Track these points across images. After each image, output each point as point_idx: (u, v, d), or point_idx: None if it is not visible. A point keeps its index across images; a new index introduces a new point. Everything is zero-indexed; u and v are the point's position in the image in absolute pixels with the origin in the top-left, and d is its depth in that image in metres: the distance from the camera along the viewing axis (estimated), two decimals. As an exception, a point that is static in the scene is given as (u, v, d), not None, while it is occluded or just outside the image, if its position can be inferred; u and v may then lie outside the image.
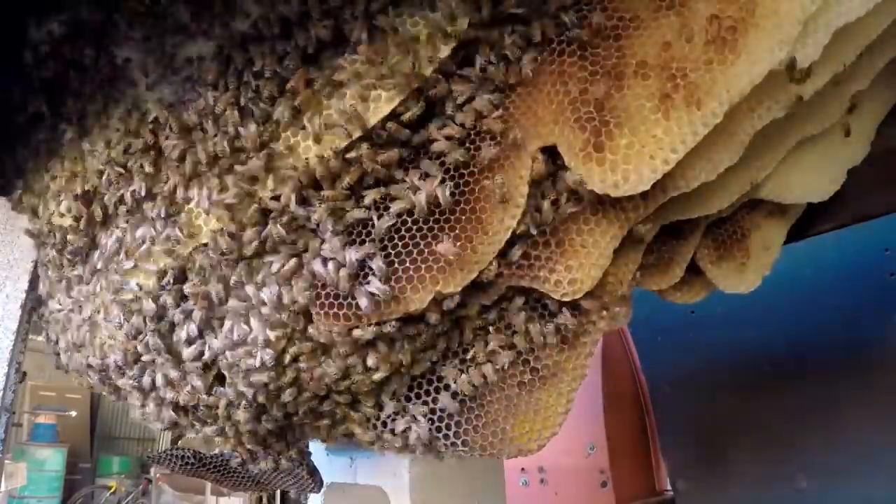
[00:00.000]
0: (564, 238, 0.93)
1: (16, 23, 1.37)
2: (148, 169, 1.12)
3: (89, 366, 1.25)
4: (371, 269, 0.92)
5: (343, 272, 0.92)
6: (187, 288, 1.07)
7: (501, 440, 0.99)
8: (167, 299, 1.09)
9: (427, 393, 1.03)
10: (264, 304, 0.99)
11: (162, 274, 1.10)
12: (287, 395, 1.02)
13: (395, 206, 0.93)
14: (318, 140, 0.97)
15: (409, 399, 1.04)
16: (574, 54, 0.93)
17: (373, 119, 0.94)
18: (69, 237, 1.24)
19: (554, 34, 0.94)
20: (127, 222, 1.16)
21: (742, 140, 0.92)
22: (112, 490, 8.68)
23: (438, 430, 1.02)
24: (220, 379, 1.08)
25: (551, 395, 0.98)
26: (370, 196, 0.95)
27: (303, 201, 0.97)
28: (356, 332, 0.94)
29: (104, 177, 1.19)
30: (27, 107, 1.40)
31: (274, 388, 1.02)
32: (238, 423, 1.12)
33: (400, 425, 1.04)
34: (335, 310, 0.94)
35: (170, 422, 1.19)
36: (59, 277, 1.35)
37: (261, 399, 1.03)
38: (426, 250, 0.92)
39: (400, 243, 0.93)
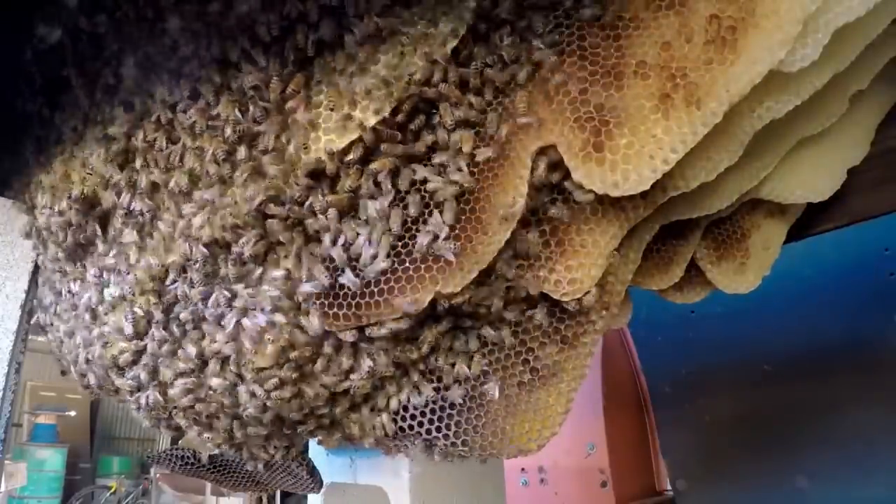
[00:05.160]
0: (564, 238, 0.94)
1: (16, 23, 1.37)
2: (147, 170, 1.12)
3: (89, 367, 1.25)
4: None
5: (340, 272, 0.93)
6: (188, 289, 1.07)
7: (501, 440, 0.99)
8: (168, 300, 1.09)
9: (426, 393, 1.03)
10: (264, 305, 0.99)
11: (163, 275, 1.10)
12: (287, 397, 1.02)
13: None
14: (316, 142, 0.97)
15: (408, 399, 1.04)
16: (574, 54, 0.93)
17: (371, 121, 0.94)
18: (69, 237, 1.24)
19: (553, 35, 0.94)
20: (126, 222, 1.16)
21: (742, 140, 0.92)
22: (112, 490, 8.69)
23: (438, 429, 1.02)
24: (223, 380, 1.08)
25: (551, 395, 0.98)
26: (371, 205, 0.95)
27: (303, 203, 0.97)
28: (348, 334, 0.94)
29: (104, 177, 1.19)
30: (27, 106, 1.40)
31: (274, 390, 1.02)
32: (239, 425, 1.12)
33: (400, 426, 1.04)
34: (335, 310, 0.94)
35: (169, 424, 1.19)
36: (59, 277, 1.35)
37: (261, 401, 1.03)
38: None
39: (399, 244, 0.93)
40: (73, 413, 9.14)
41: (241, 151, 1.01)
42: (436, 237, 0.90)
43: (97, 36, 1.25)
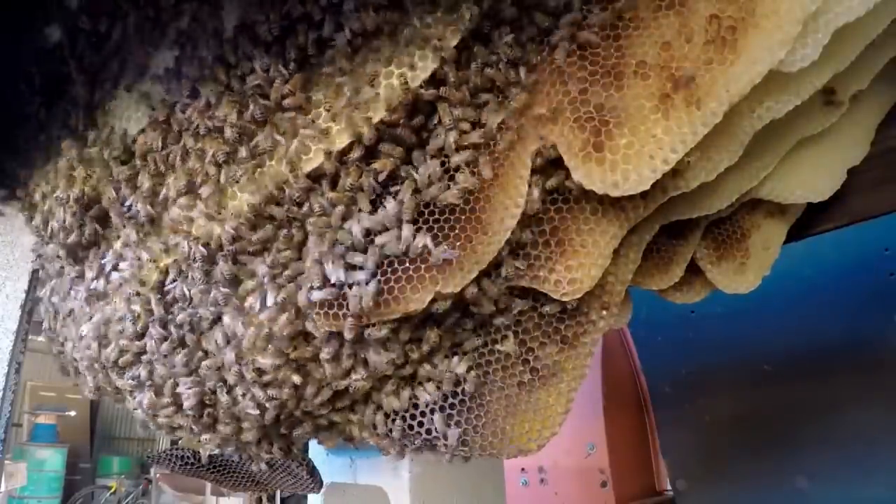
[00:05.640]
0: (564, 238, 0.93)
1: (16, 23, 1.37)
2: (148, 169, 1.12)
3: (90, 367, 1.25)
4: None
5: (342, 273, 0.93)
6: (188, 288, 1.07)
7: (501, 440, 0.99)
8: (168, 299, 1.09)
9: (426, 393, 1.03)
10: (264, 305, 0.99)
11: (163, 274, 1.10)
12: (286, 398, 1.02)
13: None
14: (316, 142, 0.97)
15: (408, 399, 1.04)
16: (574, 54, 0.93)
17: (371, 120, 0.94)
18: (70, 237, 1.24)
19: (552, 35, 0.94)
20: (127, 222, 1.16)
21: (742, 140, 0.92)
22: (112, 490, 8.69)
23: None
24: (223, 381, 1.08)
25: (551, 395, 0.98)
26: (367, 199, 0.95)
27: (303, 203, 0.97)
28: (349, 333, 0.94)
29: (104, 177, 1.19)
30: (27, 107, 1.40)
31: (274, 390, 1.02)
32: (239, 425, 1.12)
33: (399, 426, 1.04)
34: (335, 310, 0.94)
35: (169, 425, 1.19)
36: (59, 277, 1.35)
37: (260, 401, 1.03)
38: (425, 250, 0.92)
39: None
40: (73, 413, 9.13)
41: (242, 151, 1.01)
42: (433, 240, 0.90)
43: (98, 35, 1.25)
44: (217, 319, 1.05)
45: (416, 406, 1.04)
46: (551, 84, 0.94)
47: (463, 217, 0.92)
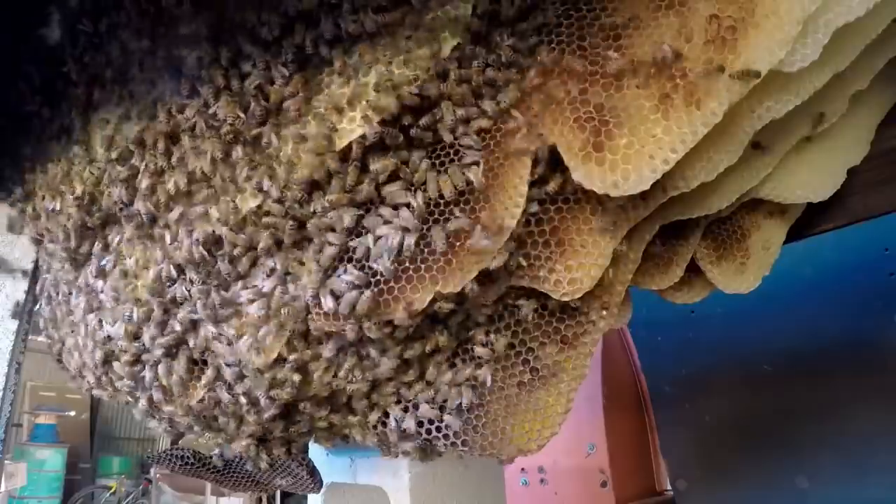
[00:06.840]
0: (564, 238, 0.94)
1: (16, 23, 1.37)
2: (147, 169, 1.12)
3: (90, 368, 1.25)
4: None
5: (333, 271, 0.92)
6: (187, 289, 1.07)
7: (501, 440, 0.99)
8: (167, 300, 1.09)
9: (426, 394, 1.03)
10: (263, 305, 0.99)
11: (163, 275, 1.10)
12: (286, 398, 1.02)
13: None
14: (317, 140, 0.97)
15: (408, 400, 1.04)
16: (573, 54, 0.93)
17: (373, 120, 0.94)
18: (70, 237, 1.24)
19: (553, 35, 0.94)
20: (127, 222, 1.16)
21: (742, 140, 0.92)
22: (112, 490, 8.68)
23: (438, 430, 1.02)
24: (223, 380, 1.08)
25: (551, 395, 0.98)
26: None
27: (303, 203, 0.97)
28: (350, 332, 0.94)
29: (104, 177, 1.19)
30: (27, 106, 1.40)
31: (272, 390, 1.02)
32: (238, 425, 1.12)
33: (399, 427, 1.04)
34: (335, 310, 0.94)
35: (168, 425, 1.19)
36: (59, 278, 1.35)
37: (260, 401, 1.03)
38: (426, 250, 0.92)
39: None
40: (73, 413, 9.13)
41: (241, 151, 1.01)
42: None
43: (98, 35, 1.25)
44: (217, 319, 1.04)
45: (416, 407, 1.04)
46: (551, 84, 0.94)
47: (463, 217, 0.92)
